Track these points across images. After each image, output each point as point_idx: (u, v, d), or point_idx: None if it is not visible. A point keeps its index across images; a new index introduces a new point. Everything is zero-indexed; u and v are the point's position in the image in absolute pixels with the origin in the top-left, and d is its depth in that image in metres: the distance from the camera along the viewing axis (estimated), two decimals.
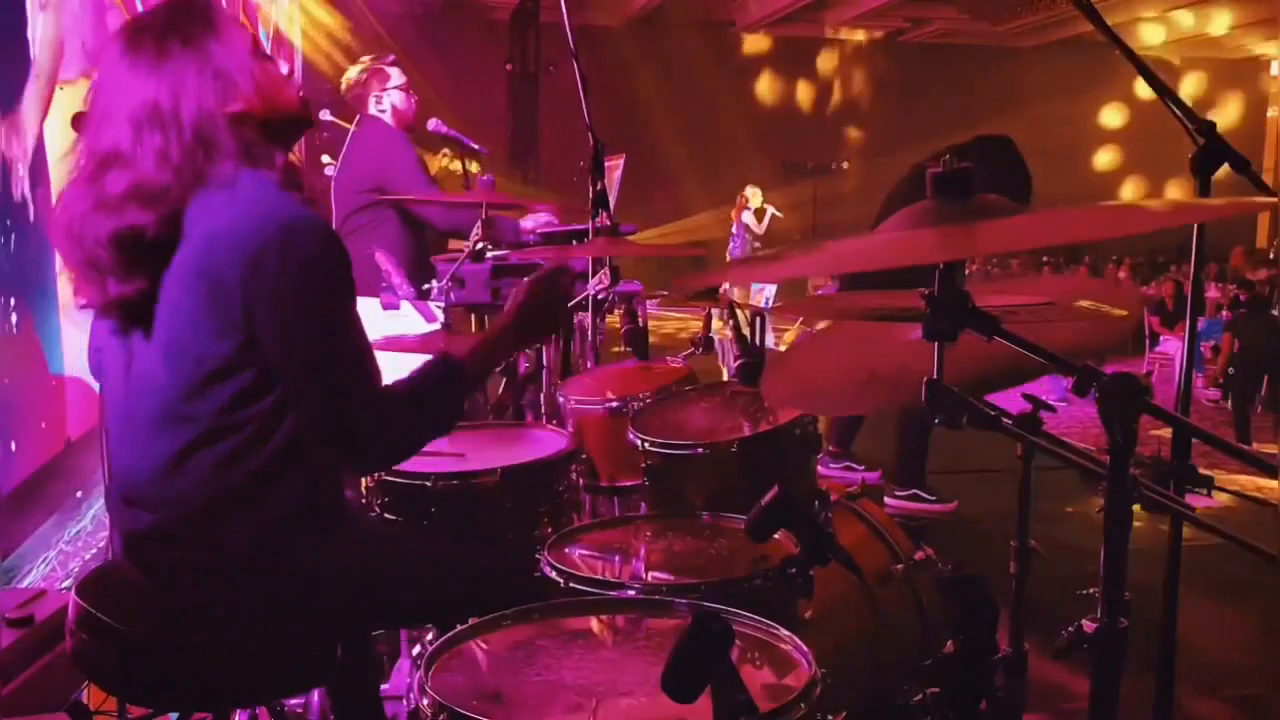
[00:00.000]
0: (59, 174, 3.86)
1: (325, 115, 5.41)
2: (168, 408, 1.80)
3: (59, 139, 3.85)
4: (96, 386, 2.07)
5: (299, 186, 1.85)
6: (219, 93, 1.78)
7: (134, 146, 1.74)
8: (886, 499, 5.03)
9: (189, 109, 1.75)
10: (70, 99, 4.01)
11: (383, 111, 4.65)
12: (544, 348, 3.24)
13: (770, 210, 15.21)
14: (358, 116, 4.74)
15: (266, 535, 1.82)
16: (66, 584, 3.69)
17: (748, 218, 15.10)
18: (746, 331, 2.83)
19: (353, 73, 4.74)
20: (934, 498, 5.16)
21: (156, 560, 1.86)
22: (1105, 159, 19.72)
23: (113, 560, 1.98)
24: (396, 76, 4.67)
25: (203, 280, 1.74)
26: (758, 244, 14.79)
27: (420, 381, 1.88)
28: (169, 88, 1.75)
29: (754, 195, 15.24)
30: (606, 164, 3.33)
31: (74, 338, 4.08)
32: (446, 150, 5.89)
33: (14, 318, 3.55)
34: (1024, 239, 1.45)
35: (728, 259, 14.05)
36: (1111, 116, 19.62)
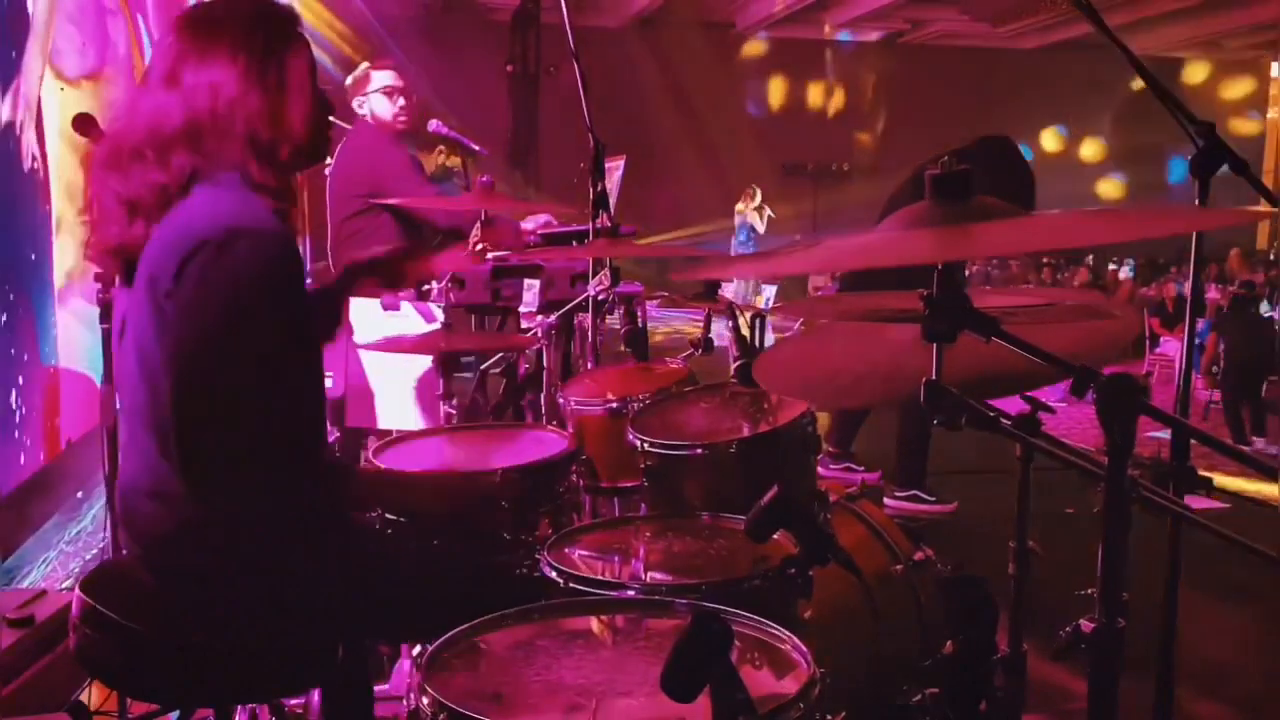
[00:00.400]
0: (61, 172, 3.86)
1: None
2: (140, 407, 1.82)
3: (58, 141, 3.86)
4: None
5: (286, 201, 1.87)
6: (272, 99, 1.82)
7: (190, 100, 1.79)
8: (886, 500, 5.04)
9: (243, 103, 1.80)
10: (73, 100, 4.02)
11: (365, 115, 4.64)
12: (544, 350, 3.24)
13: (766, 210, 15.32)
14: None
15: (266, 535, 1.82)
16: (67, 584, 3.70)
17: (753, 217, 15.18)
18: (746, 333, 2.84)
19: (350, 77, 4.74)
20: (934, 498, 5.16)
21: (159, 557, 1.87)
22: None
23: (118, 557, 1.99)
24: (378, 79, 4.59)
25: (148, 277, 1.77)
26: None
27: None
28: (233, 81, 1.80)
29: (756, 193, 15.34)
30: (607, 165, 3.34)
31: (78, 336, 4.09)
32: (442, 147, 5.88)
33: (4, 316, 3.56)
34: (1021, 242, 1.45)
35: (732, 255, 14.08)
36: None
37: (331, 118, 2.01)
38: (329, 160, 4.80)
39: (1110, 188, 19.63)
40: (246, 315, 1.72)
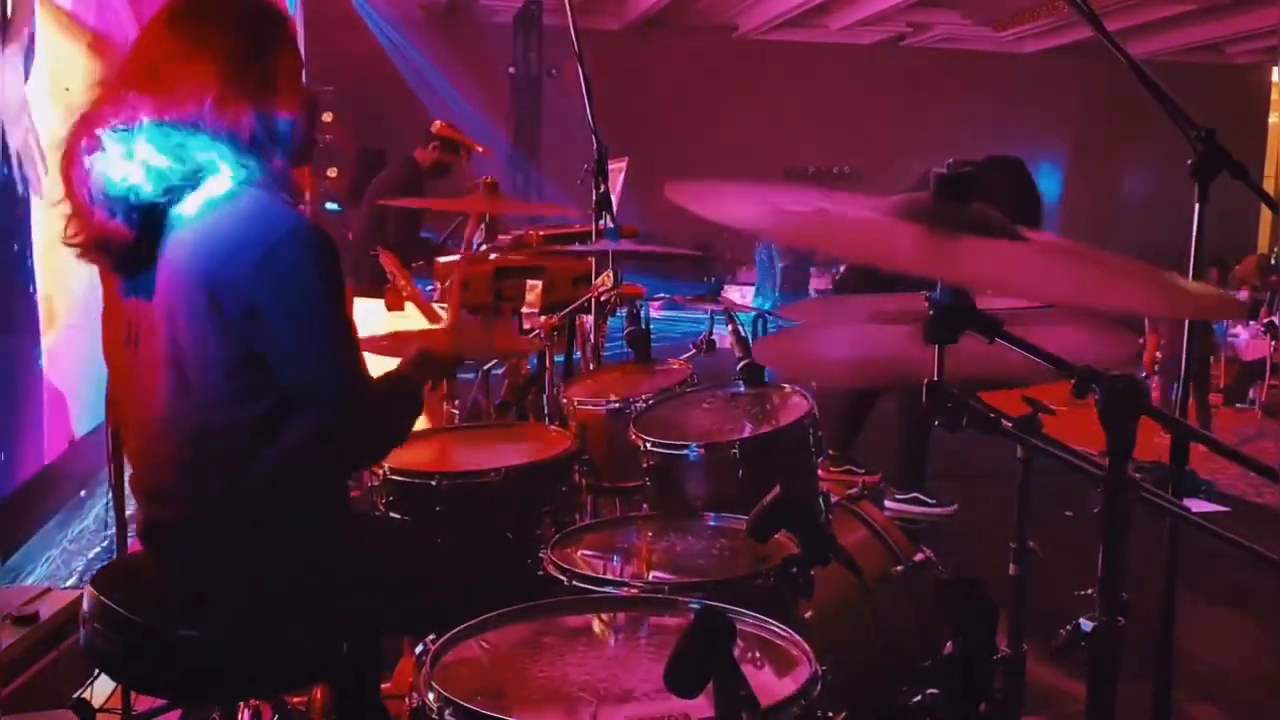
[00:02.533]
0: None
1: (327, 117, 5.42)
2: (170, 399, 1.82)
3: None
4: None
5: (299, 197, 1.88)
6: (255, 102, 1.81)
7: (170, 96, 1.77)
8: (887, 502, 5.04)
9: (225, 106, 1.78)
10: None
11: None
12: (546, 350, 3.24)
13: None
14: None
15: (274, 532, 1.84)
16: (70, 582, 3.71)
17: None
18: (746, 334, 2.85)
19: None
20: (934, 501, 5.16)
21: (169, 552, 1.88)
22: None
23: (129, 553, 2.00)
24: None
25: (205, 283, 1.76)
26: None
27: (389, 385, 1.97)
28: (214, 82, 1.78)
29: None
30: (610, 167, 3.34)
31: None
32: (436, 143, 5.80)
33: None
34: (1007, 278, 1.42)
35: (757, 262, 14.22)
36: None
37: (320, 118, 2.03)
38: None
39: None
40: (338, 294, 1.81)
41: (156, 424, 1.85)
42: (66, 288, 4.04)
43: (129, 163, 1.75)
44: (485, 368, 3.75)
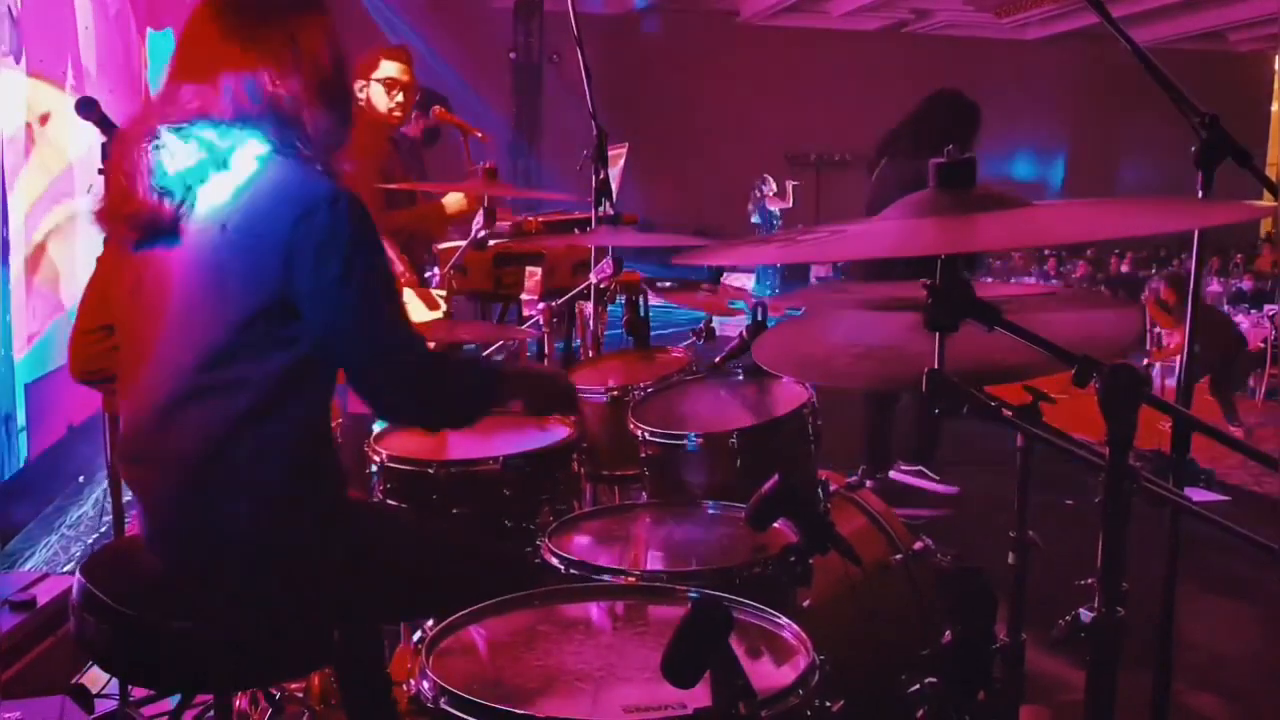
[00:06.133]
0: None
1: None
2: (178, 366, 1.82)
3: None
4: None
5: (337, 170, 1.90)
6: (289, 59, 1.85)
7: (233, 92, 1.82)
8: (893, 472, 5.07)
9: (267, 78, 1.83)
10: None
11: (360, 100, 4.37)
12: (545, 336, 3.23)
13: (789, 183, 15.39)
14: None
15: (267, 518, 1.82)
16: (68, 568, 3.71)
17: (774, 204, 15.22)
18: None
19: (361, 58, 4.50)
20: (938, 478, 5.20)
21: (166, 541, 1.87)
22: None
23: (118, 540, 1.99)
24: (385, 69, 4.29)
25: (242, 236, 1.78)
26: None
27: (463, 361, 2.09)
28: (265, 70, 1.83)
29: (769, 180, 15.44)
30: (610, 153, 3.33)
31: None
32: (418, 112, 5.58)
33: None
34: (1024, 235, 1.44)
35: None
36: None
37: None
38: None
39: None
40: (379, 250, 1.88)
41: (157, 386, 1.85)
42: None
43: (184, 156, 1.80)
44: (485, 355, 3.74)
